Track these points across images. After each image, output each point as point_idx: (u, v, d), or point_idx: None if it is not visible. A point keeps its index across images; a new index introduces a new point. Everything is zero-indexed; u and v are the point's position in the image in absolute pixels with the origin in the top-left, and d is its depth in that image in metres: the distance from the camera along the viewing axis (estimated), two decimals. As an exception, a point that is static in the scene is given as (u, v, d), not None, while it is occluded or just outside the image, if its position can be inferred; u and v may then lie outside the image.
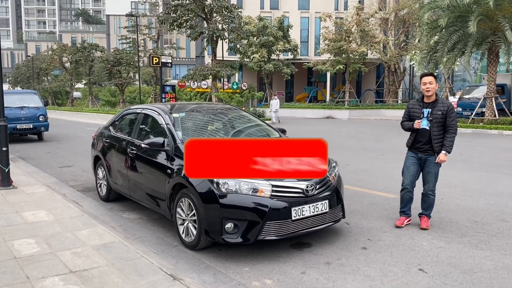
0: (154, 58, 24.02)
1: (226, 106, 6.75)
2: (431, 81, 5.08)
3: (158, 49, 34.69)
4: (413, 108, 5.29)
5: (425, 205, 5.40)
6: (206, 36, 23.89)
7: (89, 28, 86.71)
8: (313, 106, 34.38)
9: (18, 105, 15.99)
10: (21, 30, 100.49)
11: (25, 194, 6.96)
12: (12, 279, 3.73)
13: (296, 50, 37.75)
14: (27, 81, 57.48)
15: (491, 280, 3.91)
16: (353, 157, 11.45)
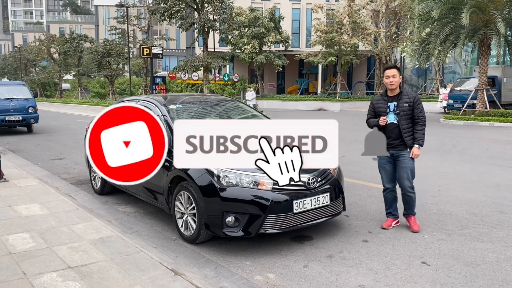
0: (145, 49, 23.73)
1: (221, 97, 6.65)
2: (394, 74, 4.85)
3: (148, 40, 34.23)
4: (378, 103, 5.03)
5: (408, 205, 5.04)
6: (198, 27, 23.62)
7: (77, 19, 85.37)
8: (304, 98, 34.32)
9: (7, 96, 15.70)
10: (8, 21, 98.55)
11: (17, 188, 6.81)
12: (8, 275, 3.62)
13: (287, 42, 37.60)
14: (14, 72, 56.60)
15: (495, 273, 3.90)
16: (346, 149, 11.40)
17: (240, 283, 3.79)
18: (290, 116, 24.39)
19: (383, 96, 5.03)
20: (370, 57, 38.17)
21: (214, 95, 6.87)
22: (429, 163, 9.33)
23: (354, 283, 3.76)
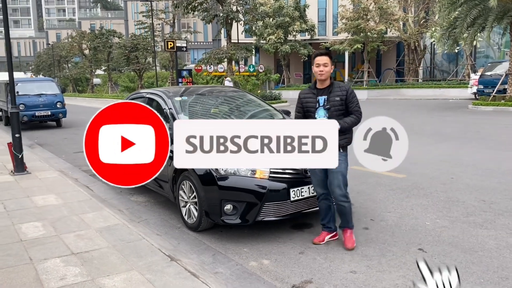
0: (169, 42, 24.04)
1: (231, 89, 6.73)
2: (326, 63, 4.14)
3: (174, 33, 34.62)
4: (306, 97, 4.32)
5: (342, 216, 4.31)
6: (220, 18, 23.73)
7: (107, 15, 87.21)
8: (331, 87, 33.94)
9: (36, 92, 16.31)
10: (42, 19, 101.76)
11: (38, 179, 7.14)
12: (15, 260, 3.85)
13: (313, 30, 37.27)
14: (49, 69, 58.37)
15: (492, 259, 3.85)
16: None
17: (235, 269, 3.89)
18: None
19: (312, 88, 4.32)
20: (399, 43, 37.36)
21: (226, 87, 6.96)
22: (447, 150, 9.16)
23: (346, 269, 3.80)
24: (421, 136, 11.32)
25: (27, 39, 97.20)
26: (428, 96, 28.31)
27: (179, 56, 59.45)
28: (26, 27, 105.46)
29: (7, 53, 7.47)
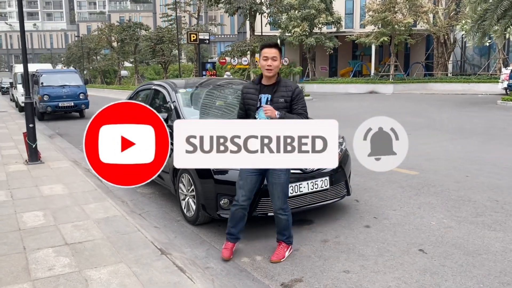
0: (192, 35, 24.11)
1: (238, 81, 6.62)
2: (274, 56, 3.67)
3: (199, 26, 34.73)
4: (248, 93, 3.84)
5: (278, 228, 3.95)
6: (244, 11, 23.60)
7: (136, 7, 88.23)
8: (356, 80, 33.42)
9: (60, 83, 16.64)
10: (73, 12, 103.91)
11: (50, 169, 7.25)
12: (9, 249, 3.89)
13: (339, 23, 36.66)
14: (79, 61, 59.64)
15: (495, 263, 3.65)
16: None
17: (226, 264, 3.83)
18: (338, 100, 23.89)
19: (256, 83, 3.84)
20: (428, 36, 36.37)
21: (233, 79, 6.87)
22: (467, 147, 8.83)
23: (340, 268, 3.67)
24: (442, 132, 10.97)
25: (59, 32, 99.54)
26: (456, 91, 27.49)
27: (206, 49, 59.72)
28: (58, 20, 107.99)
29: (22, 45, 7.57)
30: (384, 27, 30.19)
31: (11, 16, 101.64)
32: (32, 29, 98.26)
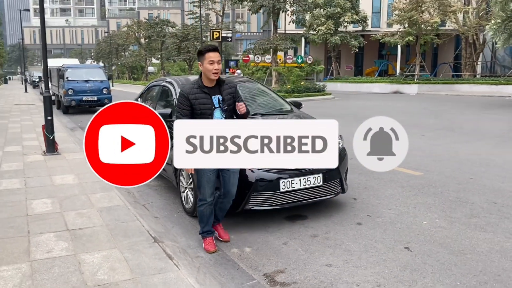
0: (215, 33, 24.39)
1: (242, 79, 6.77)
2: (219, 60, 3.82)
3: (223, 23, 35.02)
4: (197, 97, 3.87)
5: (222, 212, 4.27)
6: (266, 9, 23.71)
7: (165, 4, 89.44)
8: (380, 80, 33.07)
9: (85, 78, 17.17)
10: (104, 8, 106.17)
11: (65, 160, 7.58)
12: (14, 232, 4.17)
13: (365, 22, 36.31)
14: (108, 57, 60.97)
15: (477, 263, 3.69)
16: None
17: (215, 254, 3.99)
18: (360, 99, 23.74)
19: (202, 87, 3.90)
20: (457, 36, 35.60)
21: (238, 77, 7.02)
22: (479, 149, 8.74)
23: (323, 262, 3.78)
24: (458, 133, 10.86)
25: (90, 28, 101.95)
26: (483, 93, 26.86)
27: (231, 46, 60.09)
28: (89, 16, 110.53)
29: (42, 41, 7.94)
30: (410, 26, 29.76)
31: (45, 12, 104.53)
32: (64, 25, 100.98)
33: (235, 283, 3.47)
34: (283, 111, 5.83)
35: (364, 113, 15.93)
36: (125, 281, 3.22)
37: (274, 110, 5.80)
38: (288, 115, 5.65)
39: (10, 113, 16.71)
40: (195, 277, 3.33)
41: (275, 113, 5.67)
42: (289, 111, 5.85)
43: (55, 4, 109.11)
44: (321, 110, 17.06)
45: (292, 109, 5.92)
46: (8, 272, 3.34)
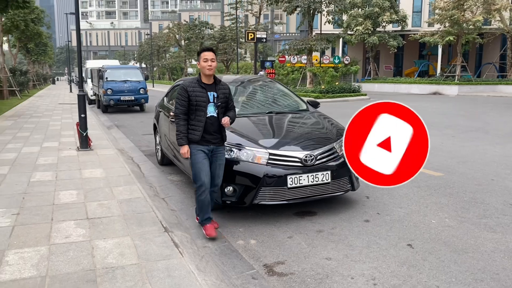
0: (249, 34, 24.66)
1: (261, 79, 6.93)
2: (213, 58, 4.23)
3: (259, 24, 35.28)
4: (195, 91, 4.21)
5: (212, 204, 4.51)
6: (301, 9, 23.74)
7: (205, 6, 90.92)
8: (419, 81, 32.32)
9: (123, 78, 17.86)
10: (147, 10, 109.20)
11: (96, 155, 8.01)
12: (39, 219, 4.52)
13: (404, 21, 35.61)
14: (149, 58, 62.68)
15: (478, 261, 3.69)
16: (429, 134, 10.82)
17: (222, 245, 4.18)
18: (395, 100, 23.25)
19: (200, 82, 4.27)
20: (502, 35, 34.26)
21: (257, 76, 7.19)
22: (509, 152, 8.50)
23: (323, 255, 3.89)
24: (491, 135, 10.57)
25: (134, 30, 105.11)
26: (529, 94, 25.77)
27: (270, 47, 60.31)
28: (133, 18, 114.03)
29: (77, 43, 8.42)
30: (451, 26, 28.95)
31: (91, 15, 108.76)
32: (109, 27, 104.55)
33: (236, 271, 3.64)
34: (298, 110, 5.95)
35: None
36: (131, 265, 3.46)
37: (289, 109, 5.93)
38: (302, 114, 5.77)
39: (53, 111, 17.62)
40: (196, 264, 3.52)
41: (289, 112, 5.80)
42: (304, 110, 5.97)
43: (101, 8, 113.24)
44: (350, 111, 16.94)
45: (308, 108, 6.03)
46: (28, 253, 3.66)
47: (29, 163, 7.26)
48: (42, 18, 35.56)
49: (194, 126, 4.23)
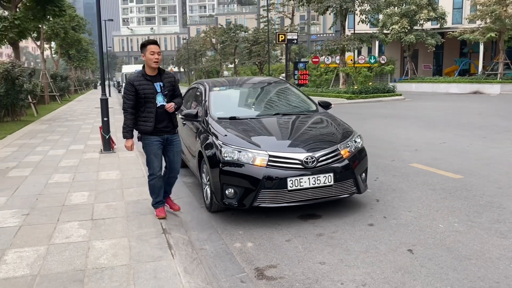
0: (280, 35, 24.60)
1: (273, 80, 6.85)
2: (159, 51, 4.50)
3: (292, 26, 35.14)
4: (142, 84, 4.46)
5: (170, 187, 5.10)
6: (333, 10, 23.45)
7: (242, 10, 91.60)
8: (459, 80, 31.18)
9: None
10: (186, 15, 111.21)
11: (117, 158, 8.21)
12: (46, 220, 4.67)
13: (443, 18, 34.47)
14: (187, 62, 63.83)
15: (479, 269, 3.50)
16: (458, 135, 10.41)
17: (218, 248, 4.18)
18: (433, 100, 22.60)
19: (145, 75, 4.52)
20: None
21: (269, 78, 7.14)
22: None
23: (318, 259, 3.81)
24: (524, 136, 10.03)
25: (173, 35, 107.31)
26: None
27: (306, 48, 59.99)
28: (172, 23, 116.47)
29: (99, 50, 8.66)
30: (492, 22, 27.76)
31: (132, 22, 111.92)
32: (149, 32, 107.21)
33: (226, 274, 3.62)
34: (307, 111, 5.87)
35: (430, 115, 15.24)
36: (121, 266, 3.51)
37: (297, 111, 5.86)
38: (309, 115, 5.69)
39: (88, 115, 18.24)
40: (184, 267, 3.53)
41: (296, 113, 5.73)
42: (313, 111, 5.88)
43: (141, 14, 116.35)
44: (382, 111, 16.58)
45: (317, 110, 5.94)
46: (27, 253, 3.79)
47: (51, 165, 7.53)
48: (83, 25, 36.97)
49: (146, 118, 4.54)
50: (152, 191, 4.81)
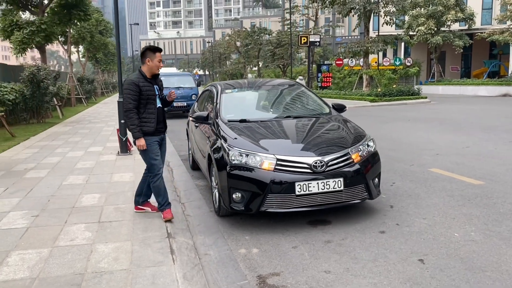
0: (302, 38, 24.41)
1: (286, 83, 6.73)
2: (161, 58, 4.74)
3: (315, 28, 34.90)
4: (145, 86, 4.60)
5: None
6: (357, 11, 23.14)
7: (267, 13, 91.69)
8: (487, 82, 30.26)
9: (176, 85, 18.36)
10: (211, 19, 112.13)
11: (133, 160, 8.24)
12: (54, 222, 4.68)
13: (471, 19, 33.58)
14: (211, 65, 64.26)
15: (494, 282, 3.29)
16: (483, 138, 10.04)
17: (223, 254, 4.08)
18: (459, 103, 21.99)
19: (146, 78, 4.65)
20: None
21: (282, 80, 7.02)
22: None
23: (323, 268, 3.67)
24: (554, 140, 9.59)
25: (198, 38, 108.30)
26: None
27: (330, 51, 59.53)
28: (198, 27, 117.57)
29: (117, 52, 8.73)
30: (524, 22, 26.88)
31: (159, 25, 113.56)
32: (175, 36, 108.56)
33: (227, 281, 3.52)
34: (319, 114, 5.74)
35: (455, 117, 14.80)
36: (120, 271, 3.46)
37: (309, 113, 5.73)
38: (321, 118, 5.55)
39: (111, 117, 18.49)
40: (184, 273, 3.46)
41: (308, 116, 5.60)
42: (326, 114, 5.74)
43: (168, 18, 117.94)
44: (405, 114, 16.19)
45: (330, 112, 5.79)
46: (30, 255, 3.79)
47: (68, 167, 7.61)
48: (110, 29, 37.66)
49: (147, 119, 4.62)
50: (158, 193, 4.76)
